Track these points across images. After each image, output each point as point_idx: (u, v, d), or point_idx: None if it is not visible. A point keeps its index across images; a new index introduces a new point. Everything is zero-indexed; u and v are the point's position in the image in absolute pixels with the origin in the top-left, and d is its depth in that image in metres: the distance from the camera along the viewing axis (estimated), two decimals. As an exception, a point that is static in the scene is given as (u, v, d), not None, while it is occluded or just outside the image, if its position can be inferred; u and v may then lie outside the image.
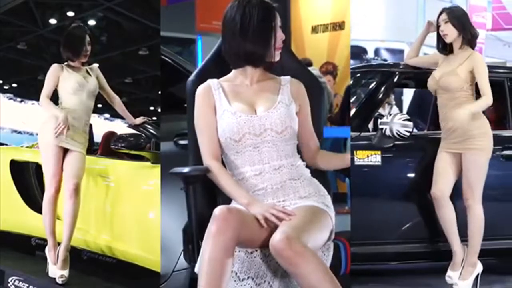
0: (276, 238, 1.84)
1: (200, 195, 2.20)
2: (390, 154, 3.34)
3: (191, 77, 2.35)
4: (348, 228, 2.68)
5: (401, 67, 3.59)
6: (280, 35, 2.14)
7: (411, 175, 3.40)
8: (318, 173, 2.26)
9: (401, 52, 10.00)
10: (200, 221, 2.10)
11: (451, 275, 3.23)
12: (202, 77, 2.28)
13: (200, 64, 2.48)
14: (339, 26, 7.68)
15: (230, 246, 1.86)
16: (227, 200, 2.15)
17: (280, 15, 2.16)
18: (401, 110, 7.52)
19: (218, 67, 2.30)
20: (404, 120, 3.21)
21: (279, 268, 1.96)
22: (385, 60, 7.57)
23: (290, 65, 2.38)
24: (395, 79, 3.54)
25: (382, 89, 3.56)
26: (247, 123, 2.11)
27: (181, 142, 3.00)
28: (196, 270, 1.97)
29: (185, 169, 2.13)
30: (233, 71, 2.23)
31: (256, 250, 2.00)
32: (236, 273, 1.96)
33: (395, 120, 3.21)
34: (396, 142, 3.31)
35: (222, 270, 1.83)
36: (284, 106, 2.15)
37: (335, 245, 2.14)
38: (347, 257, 2.18)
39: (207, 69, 2.35)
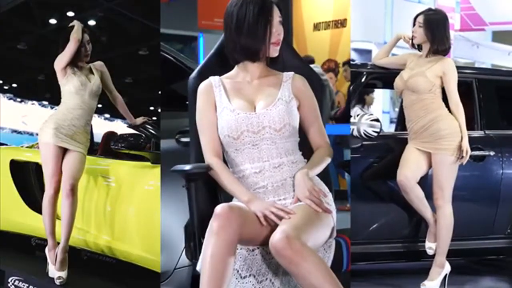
0: (276, 237, 1.83)
1: (202, 192, 2.19)
2: (357, 154, 3.34)
3: (193, 75, 2.35)
4: (348, 226, 2.67)
5: (368, 67, 3.57)
6: (277, 31, 2.12)
7: (379, 175, 3.39)
8: (322, 176, 2.23)
9: (368, 52, 10.00)
10: (202, 219, 2.10)
11: (431, 246, 3.24)
12: (203, 75, 2.28)
13: (201, 61, 2.47)
14: (341, 23, 7.68)
15: (232, 243, 1.85)
16: (229, 197, 2.14)
17: (281, 11, 2.14)
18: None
19: (219, 64, 2.30)
20: (372, 120, 3.22)
21: (280, 265, 1.95)
22: (353, 60, 7.59)
23: (292, 62, 2.37)
24: (363, 79, 3.53)
25: (350, 89, 3.55)
26: (245, 120, 2.10)
27: (183, 139, 2.99)
28: (198, 268, 1.96)
29: (187, 167, 2.13)
30: (235, 68, 2.23)
31: (258, 248, 1.99)
32: (238, 271, 1.95)
33: (363, 121, 3.22)
34: (364, 142, 3.32)
35: (224, 267, 1.82)
36: (283, 103, 2.14)
37: (337, 242, 2.14)
38: (349, 254, 2.18)
39: (208, 66, 2.35)
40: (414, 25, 3.29)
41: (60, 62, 3.16)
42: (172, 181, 2.36)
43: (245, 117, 2.10)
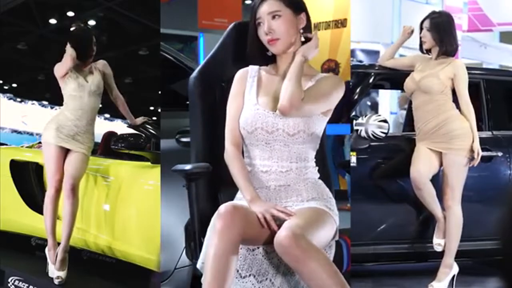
0: (282, 234, 1.81)
1: (202, 192, 2.20)
2: (365, 155, 3.33)
3: (193, 75, 2.34)
4: (349, 226, 2.67)
5: (376, 68, 3.59)
6: (267, 30, 2.08)
7: (387, 176, 3.39)
8: (323, 176, 2.23)
9: (376, 53, 10.01)
10: (202, 218, 2.10)
11: (440, 242, 3.24)
12: (204, 74, 2.27)
13: (201, 61, 2.47)
14: (341, 23, 7.67)
15: (236, 243, 1.84)
16: (229, 197, 2.14)
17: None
18: (376, 112, 7.47)
19: (220, 64, 2.29)
20: (380, 121, 3.22)
21: (281, 265, 1.95)
22: (361, 61, 7.58)
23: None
24: (371, 80, 3.53)
25: (358, 90, 3.56)
26: (261, 118, 2.08)
27: (183, 139, 2.99)
28: (198, 266, 1.95)
29: (187, 167, 2.12)
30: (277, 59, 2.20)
31: (258, 247, 1.98)
32: (238, 270, 1.94)
33: (371, 121, 3.22)
34: (372, 143, 3.31)
35: (227, 267, 1.81)
36: None
37: (337, 242, 2.13)
38: (349, 254, 2.17)
39: (209, 66, 2.34)
40: (421, 30, 3.29)
41: (58, 71, 3.17)
42: (172, 181, 2.35)
43: (262, 114, 2.09)
